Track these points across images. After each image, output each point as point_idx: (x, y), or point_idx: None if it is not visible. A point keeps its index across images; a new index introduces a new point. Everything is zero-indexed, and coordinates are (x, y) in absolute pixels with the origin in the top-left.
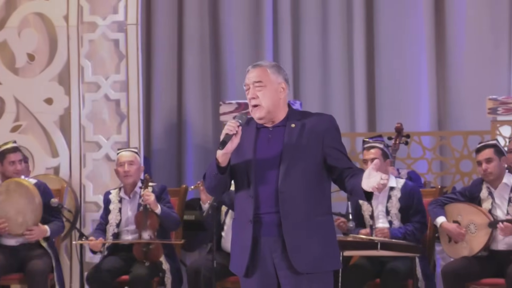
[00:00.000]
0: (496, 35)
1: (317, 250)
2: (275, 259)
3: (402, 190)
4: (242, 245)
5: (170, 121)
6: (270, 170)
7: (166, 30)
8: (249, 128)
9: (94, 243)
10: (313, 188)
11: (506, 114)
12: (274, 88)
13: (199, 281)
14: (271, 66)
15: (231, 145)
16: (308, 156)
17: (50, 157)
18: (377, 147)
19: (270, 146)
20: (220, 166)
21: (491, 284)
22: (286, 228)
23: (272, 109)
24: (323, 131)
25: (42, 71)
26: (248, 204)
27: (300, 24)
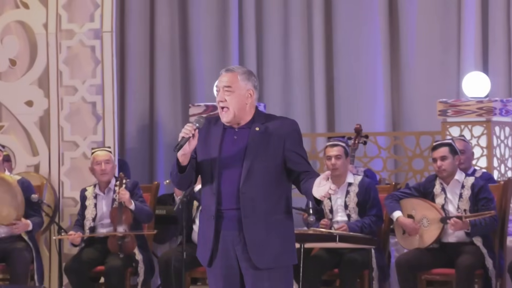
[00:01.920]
0: (446, 42)
1: (276, 247)
2: (237, 251)
3: (360, 186)
4: (206, 237)
5: (143, 122)
6: (233, 169)
7: (138, 38)
8: (217, 128)
9: (73, 237)
10: (274, 188)
11: (455, 116)
12: (242, 94)
13: (170, 271)
14: (242, 72)
15: (189, 147)
16: (269, 158)
17: (30, 156)
18: (340, 145)
19: (235, 147)
20: (181, 166)
21: (442, 274)
22: (247, 226)
23: (238, 113)
24: (285, 135)
25: (23, 75)
26: (211, 200)
27: (263, 30)
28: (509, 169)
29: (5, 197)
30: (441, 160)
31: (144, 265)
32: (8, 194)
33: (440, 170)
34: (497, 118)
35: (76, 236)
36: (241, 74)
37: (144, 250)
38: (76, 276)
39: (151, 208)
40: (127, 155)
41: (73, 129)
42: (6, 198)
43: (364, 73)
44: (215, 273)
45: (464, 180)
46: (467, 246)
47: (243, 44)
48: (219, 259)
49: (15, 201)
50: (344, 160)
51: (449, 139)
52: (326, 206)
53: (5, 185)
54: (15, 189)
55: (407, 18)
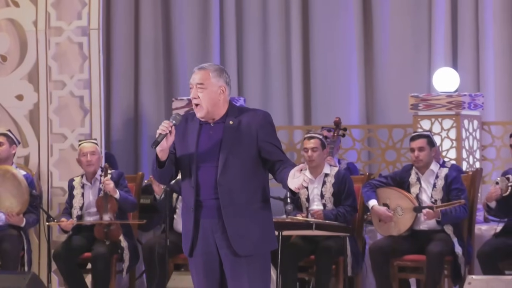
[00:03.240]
0: (417, 40)
1: (256, 235)
2: (216, 239)
3: (336, 177)
4: (187, 228)
5: (128, 115)
6: (210, 163)
7: (124, 35)
8: (194, 124)
9: (65, 224)
10: (250, 178)
11: (426, 109)
12: (214, 90)
13: (154, 258)
14: (214, 70)
15: (166, 143)
16: (244, 150)
17: (21, 147)
18: (317, 137)
19: (211, 141)
20: (160, 161)
21: (413, 260)
22: (226, 215)
23: (211, 109)
24: (258, 126)
25: (13, 70)
26: (190, 193)
27: (243, 28)
28: (477, 160)
29: (12, 191)
30: (419, 151)
31: (129, 252)
32: (17, 190)
33: (417, 160)
34: (465, 111)
35: (69, 223)
36: (213, 72)
37: (129, 238)
38: (64, 262)
39: (136, 198)
40: (113, 147)
41: (61, 122)
42: (13, 192)
43: (339, 69)
44: (196, 261)
45: (439, 170)
46: (438, 234)
47: (223, 41)
48: (199, 247)
49: (21, 198)
50: (320, 152)
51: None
52: (303, 195)
53: (16, 181)
54: (23, 187)
55: (381, 17)
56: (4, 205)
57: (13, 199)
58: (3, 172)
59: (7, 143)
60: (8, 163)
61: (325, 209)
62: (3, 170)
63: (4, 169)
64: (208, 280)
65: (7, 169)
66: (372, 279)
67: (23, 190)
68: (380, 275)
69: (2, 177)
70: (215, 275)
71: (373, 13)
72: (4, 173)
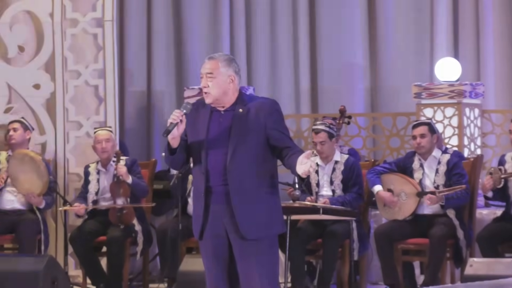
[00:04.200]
0: (420, 30)
1: (264, 219)
2: (226, 223)
3: (345, 164)
4: (197, 213)
5: (141, 104)
6: (220, 149)
7: (137, 26)
8: (205, 111)
9: (78, 209)
10: (259, 165)
11: (428, 98)
12: (223, 79)
13: (167, 241)
14: (223, 59)
15: (177, 131)
16: (253, 137)
17: (38, 135)
18: (324, 130)
19: (220, 128)
20: (171, 148)
21: (416, 243)
22: (235, 200)
23: (220, 97)
24: (266, 114)
25: (30, 60)
26: (200, 179)
27: (252, 19)
28: (478, 147)
29: (32, 173)
30: (420, 138)
31: (143, 236)
32: (36, 173)
33: (419, 147)
34: (467, 100)
35: (81, 207)
36: (222, 61)
37: (142, 222)
38: (80, 245)
39: (149, 183)
40: (126, 135)
41: (77, 110)
42: (33, 174)
43: (345, 59)
44: (206, 245)
45: (441, 156)
46: (441, 218)
47: (233, 31)
48: (209, 232)
49: (41, 180)
50: (329, 143)
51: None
52: (313, 180)
53: (34, 164)
54: (42, 169)
55: (384, 8)
56: (24, 188)
57: (33, 181)
58: (21, 156)
59: (21, 128)
60: (23, 148)
61: (332, 197)
62: (21, 154)
63: (22, 153)
64: (218, 263)
65: (24, 152)
66: (377, 262)
67: (42, 172)
68: (385, 258)
69: (20, 161)
70: (224, 258)
71: (377, 4)
72: (22, 157)
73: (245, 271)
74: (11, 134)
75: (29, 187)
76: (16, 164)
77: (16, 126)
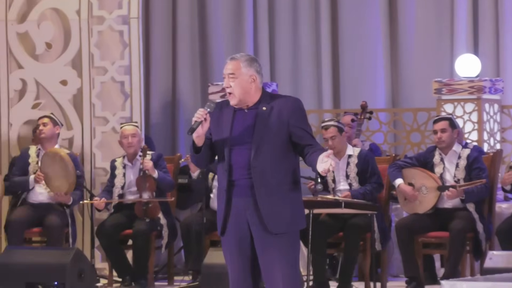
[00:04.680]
0: (440, 27)
1: (287, 214)
2: (249, 217)
3: (359, 157)
4: (220, 208)
5: (166, 99)
6: (243, 146)
7: (162, 23)
8: (228, 110)
9: (97, 203)
10: (281, 161)
11: (449, 94)
12: (245, 79)
13: (191, 234)
14: (244, 60)
15: (202, 129)
16: (276, 134)
17: (65, 130)
18: (332, 125)
19: (244, 126)
20: (196, 147)
21: (436, 236)
22: (259, 194)
23: (243, 97)
24: (289, 112)
25: (58, 57)
26: (223, 175)
27: (275, 15)
28: (497, 142)
29: (61, 172)
30: (441, 132)
31: (168, 229)
32: (65, 172)
33: (440, 141)
34: (486, 96)
35: (101, 202)
36: (243, 61)
37: (167, 215)
38: (106, 238)
39: (174, 178)
40: (151, 130)
41: (103, 106)
42: (62, 173)
43: (366, 55)
44: (228, 239)
45: (461, 151)
46: (461, 212)
47: (256, 29)
48: (231, 226)
49: (69, 179)
50: (339, 138)
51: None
52: (329, 176)
53: (64, 164)
54: (71, 169)
55: (406, 5)
56: (53, 185)
57: (62, 180)
58: (53, 154)
59: (51, 123)
60: (52, 143)
61: (352, 189)
62: (52, 153)
63: (54, 152)
64: (240, 257)
65: (56, 152)
66: (397, 255)
67: (70, 171)
68: (406, 251)
69: (51, 159)
70: (246, 252)
71: (398, 2)
72: (54, 155)
73: (266, 264)
74: (41, 128)
75: (58, 185)
76: (48, 162)
77: (46, 121)
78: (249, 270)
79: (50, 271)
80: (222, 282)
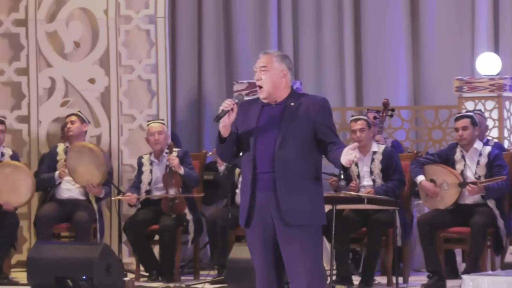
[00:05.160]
0: (461, 26)
1: (306, 207)
2: (272, 210)
3: (383, 154)
4: (244, 200)
5: (192, 97)
6: (269, 138)
7: (187, 22)
8: (256, 105)
9: (130, 198)
10: (305, 156)
11: (470, 91)
12: (276, 73)
13: (217, 230)
14: (277, 55)
15: (228, 119)
16: (301, 130)
17: (93, 127)
18: (362, 119)
19: (271, 119)
20: (221, 137)
21: (458, 232)
22: (280, 185)
23: (273, 91)
24: (316, 110)
25: (86, 56)
26: (248, 167)
27: (299, 14)
28: None
29: (91, 164)
30: (463, 130)
31: (194, 224)
32: (94, 163)
33: (461, 139)
34: (507, 93)
35: (133, 197)
36: (276, 56)
37: (193, 211)
38: (134, 234)
39: (199, 174)
40: (177, 127)
41: (130, 103)
42: (92, 165)
43: (388, 54)
44: (253, 232)
45: (482, 148)
46: (481, 207)
47: (281, 29)
48: (256, 219)
49: (100, 170)
50: (367, 132)
51: (470, 112)
52: (354, 172)
53: (93, 155)
54: (101, 159)
55: (427, 5)
56: (84, 178)
57: (92, 172)
58: (79, 148)
59: (78, 121)
60: (80, 140)
61: (376, 185)
62: (78, 147)
63: (79, 146)
64: (264, 251)
65: (82, 144)
66: (419, 250)
67: (101, 162)
68: (427, 246)
69: (78, 153)
70: (270, 246)
71: (420, 2)
72: (80, 149)
73: (289, 258)
74: (69, 126)
75: (89, 178)
76: (74, 157)
77: (74, 119)
78: (273, 263)
79: (79, 266)
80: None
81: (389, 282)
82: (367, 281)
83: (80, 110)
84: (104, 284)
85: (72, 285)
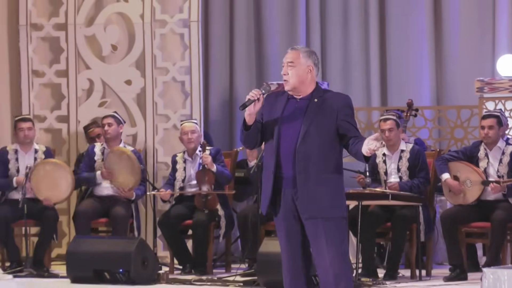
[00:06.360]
0: (482, 28)
1: (326, 200)
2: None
3: (411, 152)
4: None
5: (224, 98)
6: (292, 130)
7: (220, 26)
8: (282, 98)
9: (163, 194)
10: (327, 150)
11: (490, 92)
12: (302, 69)
13: (247, 225)
14: (304, 51)
15: (254, 108)
16: (324, 125)
17: (129, 127)
18: (391, 119)
19: (295, 112)
20: (246, 124)
21: (479, 227)
22: (300, 181)
23: (298, 85)
24: (339, 107)
25: (123, 58)
26: (271, 159)
27: (326, 17)
28: None
29: (127, 170)
30: (488, 129)
31: (226, 220)
32: (130, 169)
33: (486, 137)
34: None
35: (167, 193)
36: (303, 52)
37: (225, 207)
38: (168, 229)
39: (231, 171)
40: (210, 126)
41: (165, 104)
42: (127, 171)
43: (413, 55)
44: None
45: (505, 148)
46: (502, 203)
47: (309, 30)
48: (281, 213)
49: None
50: (396, 131)
51: (497, 111)
52: (381, 169)
53: (130, 162)
54: (136, 167)
55: (450, 9)
56: (118, 181)
57: (127, 177)
58: (120, 153)
59: (115, 123)
60: (117, 141)
61: (401, 182)
62: (120, 151)
63: (121, 151)
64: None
65: (123, 151)
66: (442, 244)
67: (136, 169)
68: (450, 240)
69: (118, 157)
70: (297, 238)
71: (443, 5)
72: (121, 154)
73: (316, 251)
74: (106, 129)
75: (122, 181)
76: (114, 159)
77: (110, 121)
78: (298, 255)
79: (116, 259)
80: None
81: (412, 275)
82: (392, 274)
83: (116, 111)
84: (140, 276)
85: (110, 277)
